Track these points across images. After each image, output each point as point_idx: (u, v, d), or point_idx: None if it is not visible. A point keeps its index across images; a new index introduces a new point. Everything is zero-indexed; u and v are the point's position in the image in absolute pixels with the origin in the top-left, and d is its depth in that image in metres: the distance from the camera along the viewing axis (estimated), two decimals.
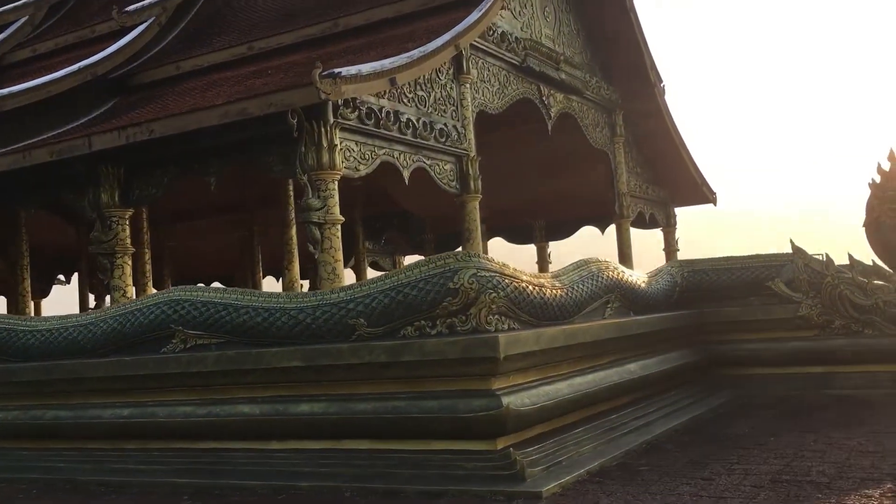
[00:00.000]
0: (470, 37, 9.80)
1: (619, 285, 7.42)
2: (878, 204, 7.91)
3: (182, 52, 12.68)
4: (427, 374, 5.36)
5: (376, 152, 8.94)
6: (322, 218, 7.99)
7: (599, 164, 15.31)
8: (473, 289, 5.34)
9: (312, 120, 8.00)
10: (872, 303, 8.10)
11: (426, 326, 5.46)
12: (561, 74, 13.09)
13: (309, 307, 5.87)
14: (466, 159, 10.43)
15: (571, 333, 5.98)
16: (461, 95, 10.53)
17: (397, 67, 8.20)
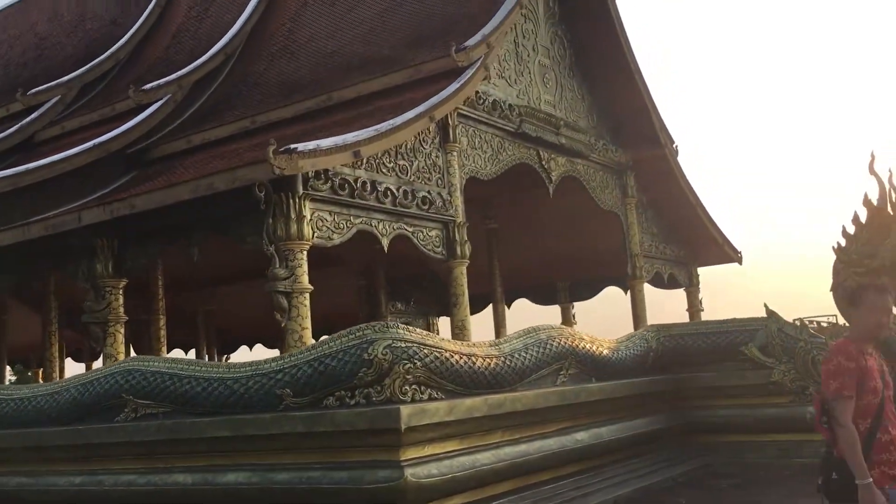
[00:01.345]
0: (446, 108, 10.05)
1: (573, 352, 7.43)
2: (843, 268, 7.76)
3: (194, 126, 13.30)
4: (341, 445, 5.48)
5: (352, 221, 9.19)
6: (289, 287, 8.24)
7: (614, 224, 15.34)
8: (387, 360, 5.46)
9: (281, 192, 8.32)
10: None
11: (346, 397, 5.59)
12: (561, 139, 13.25)
13: (243, 377, 6.06)
14: (453, 225, 10.60)
15: (497, 403, 6.02)
16: (448, 163, 10.77)
17: (361, 141, 8.49)
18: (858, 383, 3.64)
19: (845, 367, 3.65)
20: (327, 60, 13.37)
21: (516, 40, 12.78)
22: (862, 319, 3.75)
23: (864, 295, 3.75)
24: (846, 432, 3.55)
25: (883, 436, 3.65)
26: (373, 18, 13.72)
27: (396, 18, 13.33)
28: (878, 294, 3.76)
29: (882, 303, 3.76)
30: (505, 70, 12.38)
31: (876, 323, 3.76)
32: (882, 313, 3.75)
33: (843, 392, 3.61)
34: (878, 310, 3.74)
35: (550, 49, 13.70)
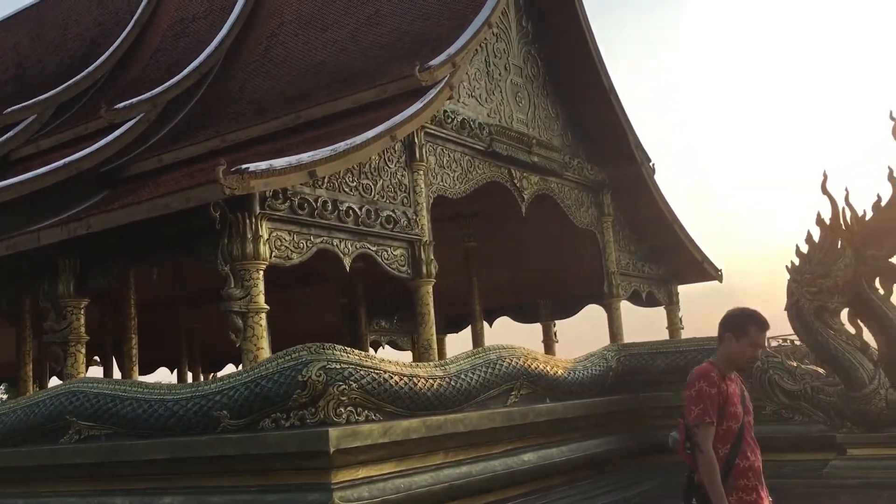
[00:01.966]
0: (409, 127, 10.07)
1: (525, 372, 7.40)
2: (796, 287, 7.75)
3: (166, 145, 13.30)
4: (273, 468, 5.45)
5: (312, 241, 9.17)
6: (244, 307, 8.22)
7: (592, 242, 15.34)
8: (321, 381, 5.44)
9: (238, 212, 8.31)
10: (800, 388, 7.88)
11: (281, 419, 5.56)
12: (534, 157, 13.27)
13: (183, 399, 6.03)
14: (419, 244, 10.59)
15: (437, 424, 5.99)
16: (414, 182, 10.77)
17: (318, 161, 8.49)
18: (719, 409, 3.63)
19: (707, 392, 3.65)
20: (299, 80, 13.41)
21: (487, 59, 12.82)
22: (737, 349, 3.73)
23: (747, 327, 3.74)
24: (706, 458, 3.55)
25: (741, 462, 3.65)
26: (345, 38, 13.78)
27: (368, 38, 13.38)
28: (759, 330, 3.76)
29: (761, 340, 3.77)
30: (475, 89, 12.42)
31: (751, 357, 3.77)
32: (758, 348, 3.76)
33: (705, 418, 3.60)
34: (756, 345, 3.75)
35: (523, 68, 13.74)
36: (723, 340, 3.80)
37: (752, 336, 3.73)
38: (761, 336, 3.77)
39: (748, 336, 3.72)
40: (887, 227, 7.60)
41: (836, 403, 7.66)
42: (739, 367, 3.81)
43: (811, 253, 7.77)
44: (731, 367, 3.78)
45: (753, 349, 3.74)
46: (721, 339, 3.81)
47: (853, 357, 7.52)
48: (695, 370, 3.81)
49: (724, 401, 3.65)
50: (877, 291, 7.78)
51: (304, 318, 20.34)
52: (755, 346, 3.74)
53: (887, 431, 7.44)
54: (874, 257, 7.63)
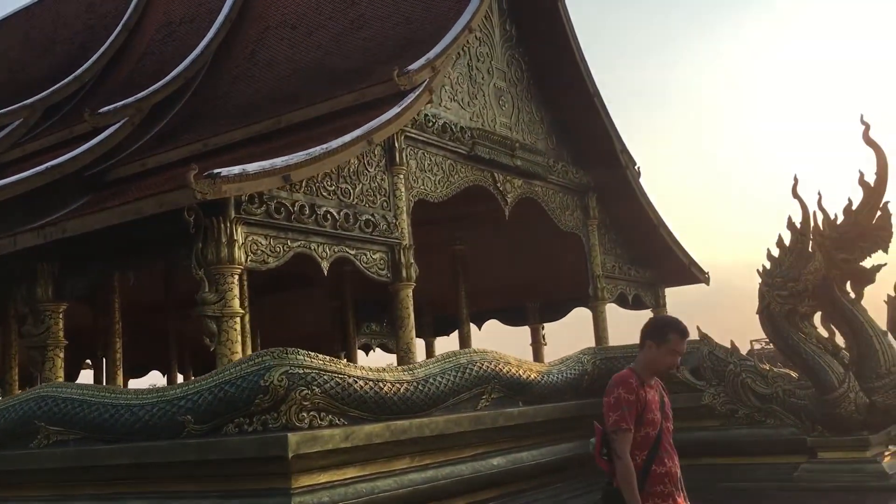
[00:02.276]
0: (386, 132, 10.10)
1: (497, 376, 7.41)
2: (767, 291, 7.77)
3: (150, 149, 13.33)
4: (234, 473, 5.46)
5: (289, 245, 9.20)
6: (219, 311, 8.24)
7: (578, 246, 15.38)
8: (283, 386, 5.45)
9: (212, 216, 8.33)
10: (772, 392, 7.89)
11: (244, 423, 5.57)
12: (517, 161, 13.31)
13: (148, 404, 6.04)
14: (399, 248, 10.61)
15: (401, 429, 6.00)
16: (394, 186, 10.80)
17: (292, 165, 8.52)
18: (638, 416, 3.66)
19: (625, 399, 3.68)
20: (283, 83, 13.45)
21: (470, 63, 12.86)
22: (657, 357, 3.77)
23: (668, 335, 3.78)
24: (622, 464, 3.59)
25: (658, 468, 3.68)
26: (329, 42, 13.82)
27: (352, 42, 13.42)
28: (680, 338, 3.80)
29: (681, 348, 3.81)
30: (458, 93, 12.45)
31: (671, 364, 3.81)
32: (678, 356, 3.80)
33: (622, 425, 3.64)
34: (676, 353, 3.78)
35: (507, 72, 13.78)
36: (644, 347, 3.83)
37: (672, 344, 3.77)
38: (681, 344, 3.81)
39: (668, 344, 3.76)
40: (858, 230, 7.62)
41: (808, 407, 7.68)
42: (660, 374, 3.84)
43: (782, 257, 7.79)
44: (651, 374, 3.81)
45: (673, 356, 3.78)
46: (642, 346, 3.84)
47: (823, 360, 7.54)
48: (614, 377, 3.85)
49: (642, 407, 3.68)
50: (847, 295, 7.80)
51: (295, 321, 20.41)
52: (675, 353, 3.78)
53: (857, 434, 7.46)
54: (845, 261, 7.66)
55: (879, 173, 7.71)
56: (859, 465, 7.33)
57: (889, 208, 7.64)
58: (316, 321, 20.33)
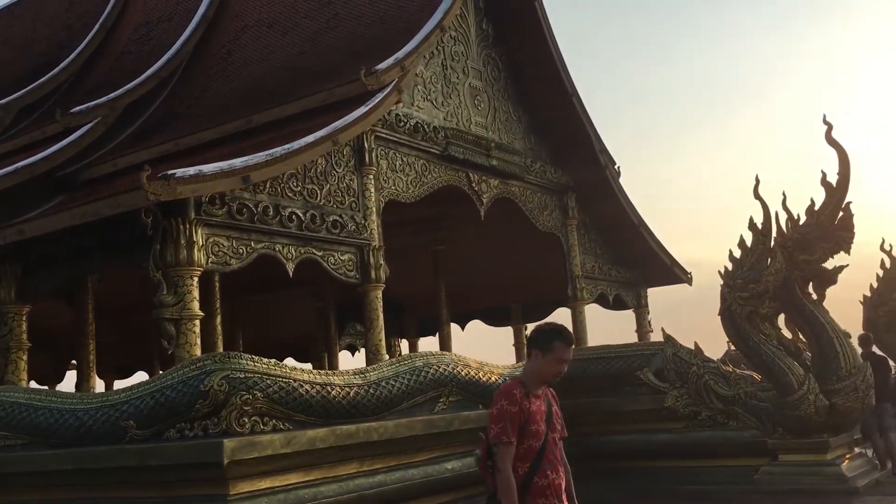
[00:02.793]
0: (352, 132, 10.01)
1: (455, 379, 7.34)
2: (728, 292, 7.71)
3: (123, 150, 13.23)
4: (173, 479, 5.39)
5: (253, 246, 9.11)
6: (177, 314, 8.15)
7: (559, 246, 15.30)
8: (223, 391, 5.38)
9: (171, 217, 8.24)
10: (734, 394, 7.84)
11: (185, 429, 5.50)
12: (492, 161, 13.22)
13: (93, 409, 5.97)
14: (368, 249, 10.52)
15: (347, 433, 5.92)
16: (363, 186, 10.71)
17: (251, 166, 8.43)
18: (521, 427, 3.58)
19: (508, 411, 3.60)
20: (257, 83, 13.35)
21: (444, 62, 12.77)
22: (543, 365, 3.68)
23: (553, 343, 3.69)
24: (503, 478, 3.52)
25: (540, 480, 3.60)
26: (304, 42, 13.73)
27: (326, 42, 13.34)
28: (565, 345, 3.71)
29: (567, 355, 3.72)
30: (431, 92, 12.37)
31: (557, 372, 3.72)
32: (564, 363, 3.71)
33: (503, 437, 3.56)
34: (562, 360, 3.69)
35: (483, 71, 13.69)
36: (530, 357, 3.74)
37: (557, 352, 3.68)
38: (567, 351, 3.72)
39: (554, 352, 3.68)
40: (820, 231, 7.56)
41: (769, 409, 7.62)
42: (547, 383, 3.76)
43: (743, 258, 7.73)
44: (538, 383, 3.73)
45: (559, 364, 3.70)
46: (528, 356, 3.75)
47: (783, 362, 7.48)
48: (500, 388, 3.76)
49: (525, 419, 3.60)
50: (809, 296, 7.75)
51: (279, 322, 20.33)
52: (561, 361, 3.69)
53: (817, 437, 7.41)
54: (806, 262, 7.60)
55: (842, 173, 7.65)
56: (819, 467, 7.28)
57: (851, 209, 7.57)
58: (300, 322, 20.27)
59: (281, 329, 20.73)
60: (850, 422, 7.57)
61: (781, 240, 7.65)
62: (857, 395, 7.33)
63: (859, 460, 7.80)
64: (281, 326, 20.76)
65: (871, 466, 7.87)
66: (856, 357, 7.52)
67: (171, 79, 14.98)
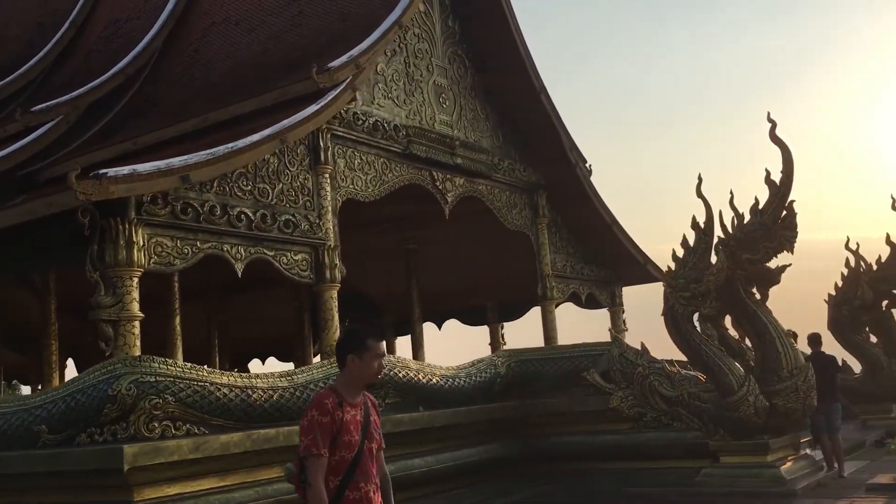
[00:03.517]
0: (302, 130, 9.90)
1: (391, 381, 7.24)
2: (670, 293, 7.61)
3: (85, 148, 13.11)
4: (80, 485, 5.29)
5: (199, 246, 8.99)
6: (115, 315, 8.03)
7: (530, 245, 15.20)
8: (131, 395, 5.28)
9: (110, 217, 8.13)
10: (678, 394, 7.74)
11: (96, 434, 5.40)
12: (457, 159, 13.11)
13: (9, 413, 5.87)
14: (323, 248, 10.41)
15: (265, 437, 5.82)
16: (318, 185, 10.60)
17: (191, 165, 8.32)
18: (333, 439, 3.44)
19: (318, 422, 3.45)
20: (221, 81, 13.24)
21: (407, 60, 12.66)
22: (363, 367, 3.54)
23: (366, 341, 3.56)
24: (312, 491, 3.37)
25: (352, 493, 3.47)
26: (268, 39, 13.61)
27: (290, 39, 13.23)
28: (377, 341, 3.59)
29: (382, 349, 3.59)
30: (393, 90, 12.25)
31: (378, 370, 3.58)
32: (382, 358, 3.59)
33: (312, 450, 3.41)
34: (379, 356, 3.56)
35: (449, 68, 13.58)
36: (345, 364, 3.59)
37: (373, 349, 3.55)
38: (380, 346, 3.60)
39: (369, 350, 3.54)
40: (763, 230, 7.46)
41: (711, 410, 7.52)
42: (367, 384, 3.59)
43: (685, 257, 7.63)
44: (357, 390, 3.58)
45: (377, 360, 3.56)
46: (343, 364, 3.61)
47: (724, 363, 7.39)
48: (313, 397, 3.61)
49: (338, 430, 3.45)
50: (753, 296, 7.65)
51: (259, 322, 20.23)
52: (378, 356, 3.56)
53: (757, 438, 7.31)
54: (750, 261, 7.50)
55: (785, 171, 7.55)
56: (759, 469, 7.18)
57: (794, 207, 7.47)
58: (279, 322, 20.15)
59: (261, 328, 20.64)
60: (792, 423, 7.47)
61: (725, 239, 7.54)
62: (797, 396, 7.23)
63: (802, 462, 7.71)
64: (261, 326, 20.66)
65: (814, 468, 7.78)
66: (798, 358, 7.42)
67: (138, 76, 14.86)
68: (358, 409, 3.55)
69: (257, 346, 21.67)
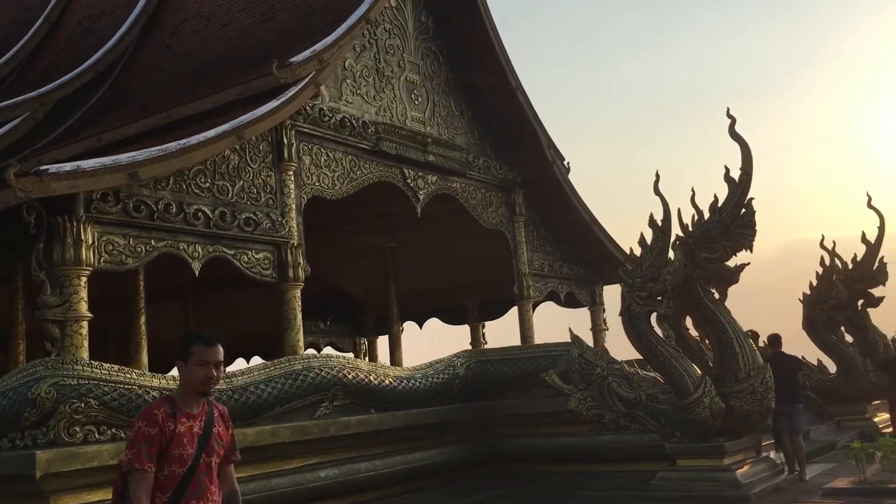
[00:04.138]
0: (261, 127, 9.71)
1: (340, 383, 7.07)
2: (627, 292, 7.45)
3: (50, 146, 12.94)
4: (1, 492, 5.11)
5: (153, 245, 8.83)
6: (62, 315, 7.86)
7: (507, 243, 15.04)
8: (51, 399, 5.11)
9: (58, 215, 7.96)
10: (636, 396, 7.57)
11: (17, 438, 5.23)
12: (429, 156, 12.94)
13: None
14: (286, 247, 10.24)
15: None
16: (282, 183, 10.43)
17: (139, 162, 8.14)
18: (161, 452, 3.23)
19: (145, 434, 3.22)
20: (191, 77, 13.05)
21: (377, 56, 12.48)
22: (190, 374, 3.32)
23: (191, 347, 3.32)
24: None
25: None
26: (239, 35, 13.42)
27: (260, 34, 13.03)
28: (205, 345, 3.34)
29: (210, 356, 3.32)
30: (362, 86, 12.08)
31: (205, 377, 3.31)
32: (210, 365, 3.31)
33: (135, 464, 3.16)
34: (206, 362, 3.31)
35: (421, 65, 13.40)
36: (180, 371, 3.37)
37: (197, 355, 3.30)
38: (209, 351, 3.32)
39: (194, 356, 3.30)
40: (721, 228, 7.29)
41: (668, 412, 7.35)
42: (199, 393, 3.36)
43: (643, 257, 7.46)
44: (190, 398, 3.35)
45: (204, 367, 3.30)
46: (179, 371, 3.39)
47: (680, 364, 7.22)
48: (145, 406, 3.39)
49: (167, 442, 3.22)
50: (711, 295, 7.48)
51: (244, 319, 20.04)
52: (204, 363, 3.31)
53: (713, 441, 7.14)
54: (708, 260, 7.33)
55: (744, 169, 7.38)
56: (714, 473, 7.02)
57: (753, 205, 7.30)
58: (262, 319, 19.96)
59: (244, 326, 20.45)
60: (750, 425, 7.29)
61: (683, 237, 7.37)
62: (754, 397, 7.07)
63: (762, 465, 7.54)
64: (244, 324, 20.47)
65: (774, 472, 7.61)
66: (756, 359, 7.24)
67: (110, 72, 14.68)
68: (196, 420, 3.33)
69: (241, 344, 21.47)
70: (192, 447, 3.23)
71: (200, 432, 3.28)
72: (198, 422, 3.30)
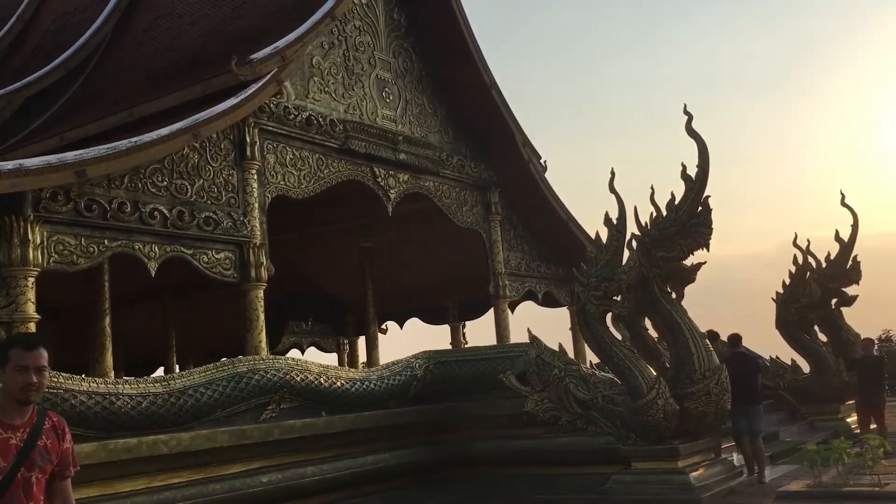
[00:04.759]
0: (218, 125, 9.56)
1: (287, 386, 6.91)
2: (582, 292, 7.30)
3: (16, 145, 12.79)
4: None
5: (106, 244, 8.69)
6: (8, 317, 7.71)
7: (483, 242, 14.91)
8: None
9: (5, 214, 7.81)
10: (593, 398, 7.42)
11: None
12: (400, 155, 12.80)
13: None
14: (248, 246, 10.09)
15: (125, 448, 5.49)
16: (244, 182, 10.28)
17: (87, 160, 8.00)
18: None
19: None
20: (158, 75, 12.90)
21: (346, 53, 12.34)
22: (7, 381, 3.12)
23: (9, 352, 3.11)
24: None
25: None
26: (208, 32, 13.28)
27: (229, 31, 12.90)
28: (24, 349, 3.13)
29: (30, 360, 3.12)
30: (330, 84, 11.93)
31: (23, 383, 3.10)
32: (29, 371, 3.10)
33: None
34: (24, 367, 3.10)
35: (393, 62, 13.26)
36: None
37: (15, 360, 3.09)
38: (28, 356, 3.10)
39: (11, 360, 3.10)
40: (678, 227, 7.15)
41: (623, 414, 7.21)
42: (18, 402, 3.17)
43: (598, 256, 7.31)
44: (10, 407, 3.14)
45: (23, 373, 3.09)
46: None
47: (634, 365, 7.07)
48: None
49: None
50: (668, 295, 7.34)
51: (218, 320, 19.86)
52: (23, 369, 3.10)
53: (667, 443, 7.00)
54: (664, 259, 7.19)
55: (701, 166, 7.24)
56: (668, 475, 6.87)
57: (710, 203, 7.16)
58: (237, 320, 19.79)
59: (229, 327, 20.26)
60: (705, 427, 7.15)
61: (639, 236, 7.23)
62: (709, 399, 6.92)
63: (718, 467, 7.39)
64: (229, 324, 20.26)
65: (731, 474, 7.46)
66: (711, 359, 7.09)
67: (82, 70, 14.55)
68: (17, 431, 3.14)
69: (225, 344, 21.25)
70: (7, 460, 3.03)
71: (21, 444, 3.08)
72: (18, 433, 3.10)
